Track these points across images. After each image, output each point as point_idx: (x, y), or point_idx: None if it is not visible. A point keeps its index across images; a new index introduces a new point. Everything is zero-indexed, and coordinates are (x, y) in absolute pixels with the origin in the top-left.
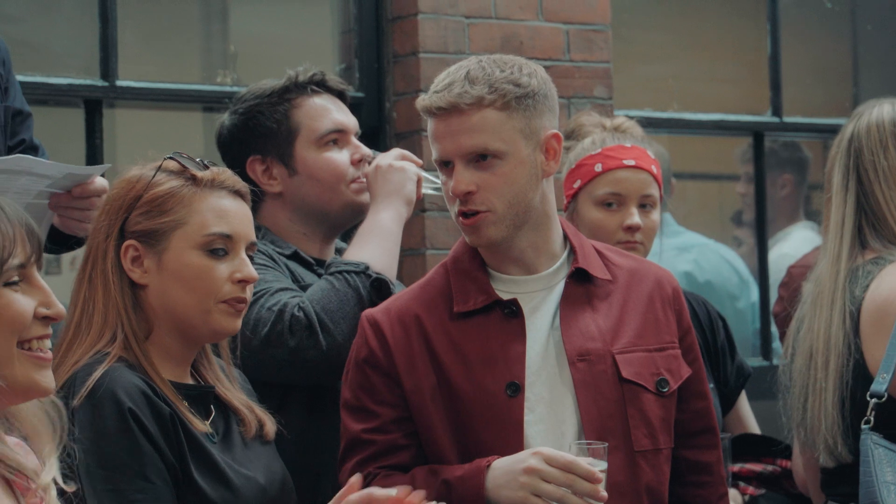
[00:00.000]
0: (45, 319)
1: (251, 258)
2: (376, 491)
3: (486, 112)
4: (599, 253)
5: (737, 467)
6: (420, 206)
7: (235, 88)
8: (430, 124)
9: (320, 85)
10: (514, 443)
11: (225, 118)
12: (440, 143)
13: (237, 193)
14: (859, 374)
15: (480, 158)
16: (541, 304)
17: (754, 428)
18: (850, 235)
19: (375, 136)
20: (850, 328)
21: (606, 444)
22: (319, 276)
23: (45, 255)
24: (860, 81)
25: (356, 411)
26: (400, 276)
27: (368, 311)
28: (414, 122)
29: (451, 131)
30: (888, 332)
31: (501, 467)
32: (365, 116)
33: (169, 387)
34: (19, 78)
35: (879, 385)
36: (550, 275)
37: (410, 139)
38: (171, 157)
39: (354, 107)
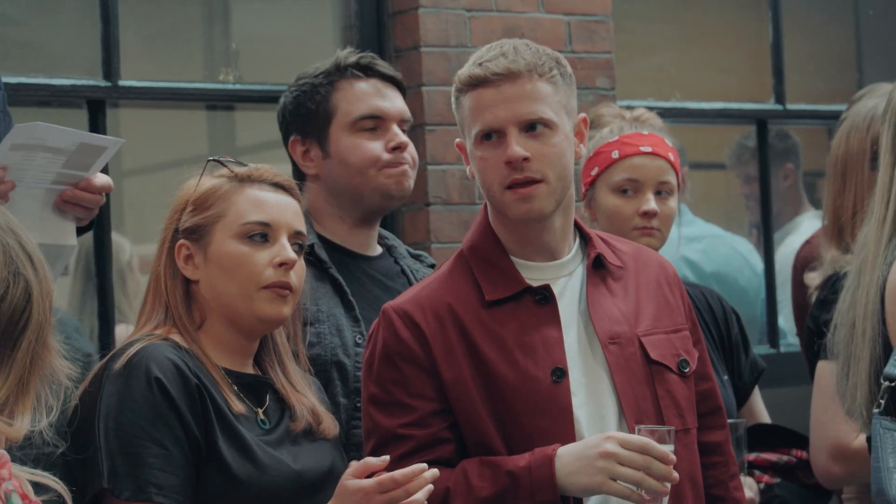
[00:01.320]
0: None
1: (300, 248)
2: (371, 460)
3: (538, 81)
4: (604, 240)
5: (752, 456)
6: (424, 200)
7: (238, 86)
8: (472, 97)
9: (367, 69)
10: (565, 428)
11: (284, 96)
12: (492, 110)
13: (278, 186)
14: (887, 349)
15: (531, 128)
16: (564, 289)
17: (767, 422)
18: (894, 199)
19: None
20: (879, 298)
21: (673, 428)
22: (331, 277)
23: None
24: (863, 67)
25: (387, 406)
26: None
27: (394, 304)
28: (416, 116)
29: (504, 98)
30: None
31: (571, 453)
32: None
33: (217, 369)
34: (21, 80)
35: (892, 367)
36: (569, 261)
37: (413, 134)
38: (214, 160)
39: None
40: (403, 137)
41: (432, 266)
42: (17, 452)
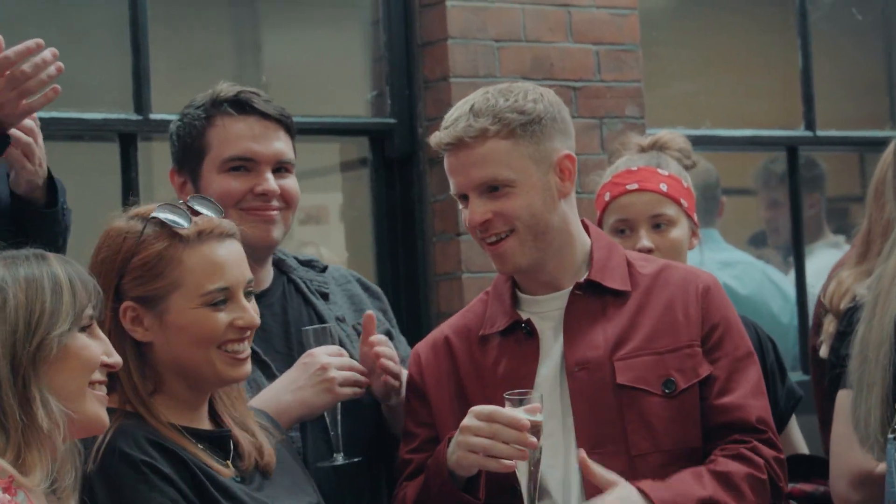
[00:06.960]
0: (104, 367)
1: (249, 294)
2: None
3: (491, 143)
4: (629, 262)
5: (788, 486)
6: (455, 231)
7: None
8: (445, 160)
9: (244, 106)
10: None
11: (173, 122)
12: (454, 177)
13: (225, 236)
14: None
15: (493, 189)
16: (560, 319)
17: (804, 451)
18: None
19: (409, 161)
20: (893, 327)
21: (541, 394)
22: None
23: None
24: (894, 93)
25: (405, 436)
26: (437, 301)
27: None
28: None
29: (461, 165)
30: None
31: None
32: (398, 142)
33: (178, 433)
34: (53, 114)
35: None
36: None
37: (441, 164)
38: (155, 214)
39: (387, 133)
40: (271, 185)
41: (323, 270)
42: None
